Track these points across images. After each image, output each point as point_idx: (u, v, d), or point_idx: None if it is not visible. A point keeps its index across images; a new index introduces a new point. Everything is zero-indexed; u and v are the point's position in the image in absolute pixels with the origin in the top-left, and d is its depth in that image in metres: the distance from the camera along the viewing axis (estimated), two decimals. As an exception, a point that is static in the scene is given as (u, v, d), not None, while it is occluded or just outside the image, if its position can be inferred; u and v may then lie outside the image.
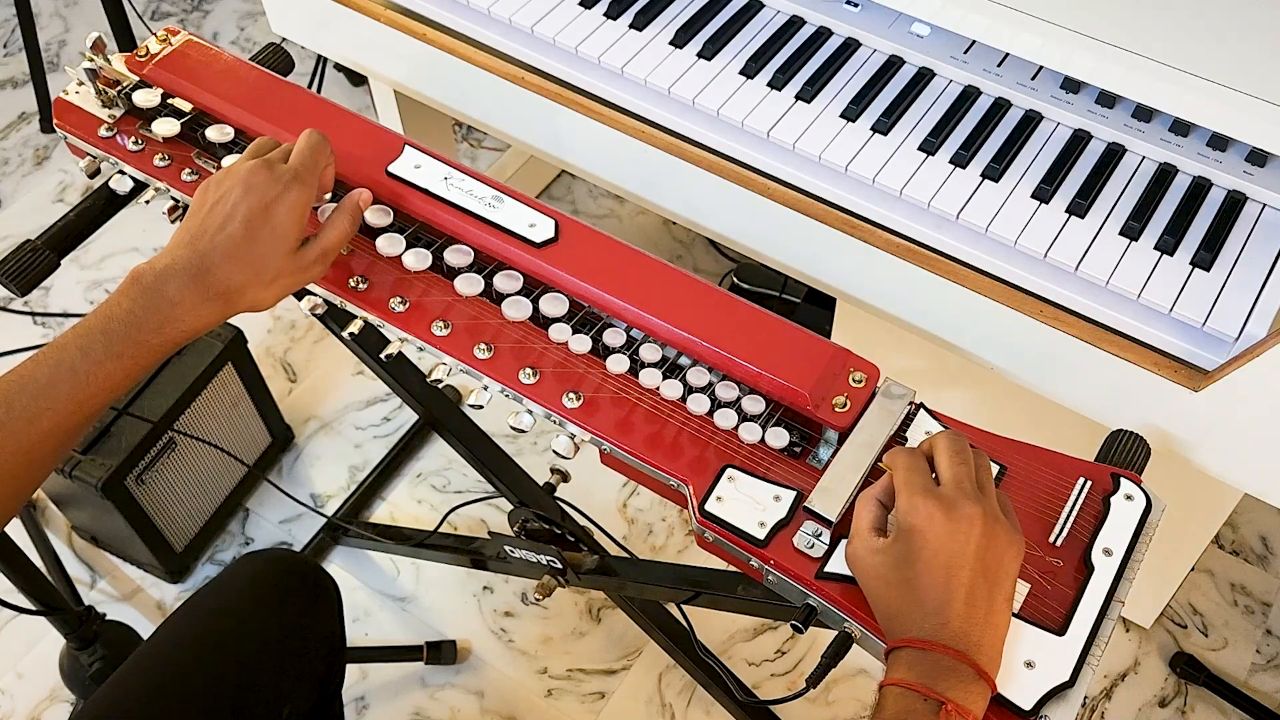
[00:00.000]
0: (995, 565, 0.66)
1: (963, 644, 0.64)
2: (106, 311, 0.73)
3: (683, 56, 1.03)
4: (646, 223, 1.94)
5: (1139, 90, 0.91)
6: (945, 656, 0.63)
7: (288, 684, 0.94)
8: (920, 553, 0.66)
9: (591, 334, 0.84)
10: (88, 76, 0.95)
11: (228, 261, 0.75)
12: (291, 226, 0.78)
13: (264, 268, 0.77)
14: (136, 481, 1.37)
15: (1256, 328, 0.83)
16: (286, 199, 0.77)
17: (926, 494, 0.68)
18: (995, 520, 0.67)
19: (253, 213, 0.76)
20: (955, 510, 0.66)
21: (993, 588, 0.66)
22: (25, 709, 1.42)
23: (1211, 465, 0.91)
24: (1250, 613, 1.48)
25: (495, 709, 1.42)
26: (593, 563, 1.05)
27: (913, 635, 0.65)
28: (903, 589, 0.66)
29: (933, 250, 0.93)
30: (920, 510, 0.67)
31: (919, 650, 0.64)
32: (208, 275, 0.75)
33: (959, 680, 0.63)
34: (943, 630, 0.64)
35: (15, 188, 2.01)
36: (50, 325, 1.80)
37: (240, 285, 0.76)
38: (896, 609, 0.67)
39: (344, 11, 1.18)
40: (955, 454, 0.70)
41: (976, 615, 0.65)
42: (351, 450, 1.66)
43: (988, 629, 0.65)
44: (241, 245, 0.76)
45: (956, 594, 0.65)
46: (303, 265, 0.79)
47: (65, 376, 0.71)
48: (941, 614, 0.64)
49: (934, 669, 0.63)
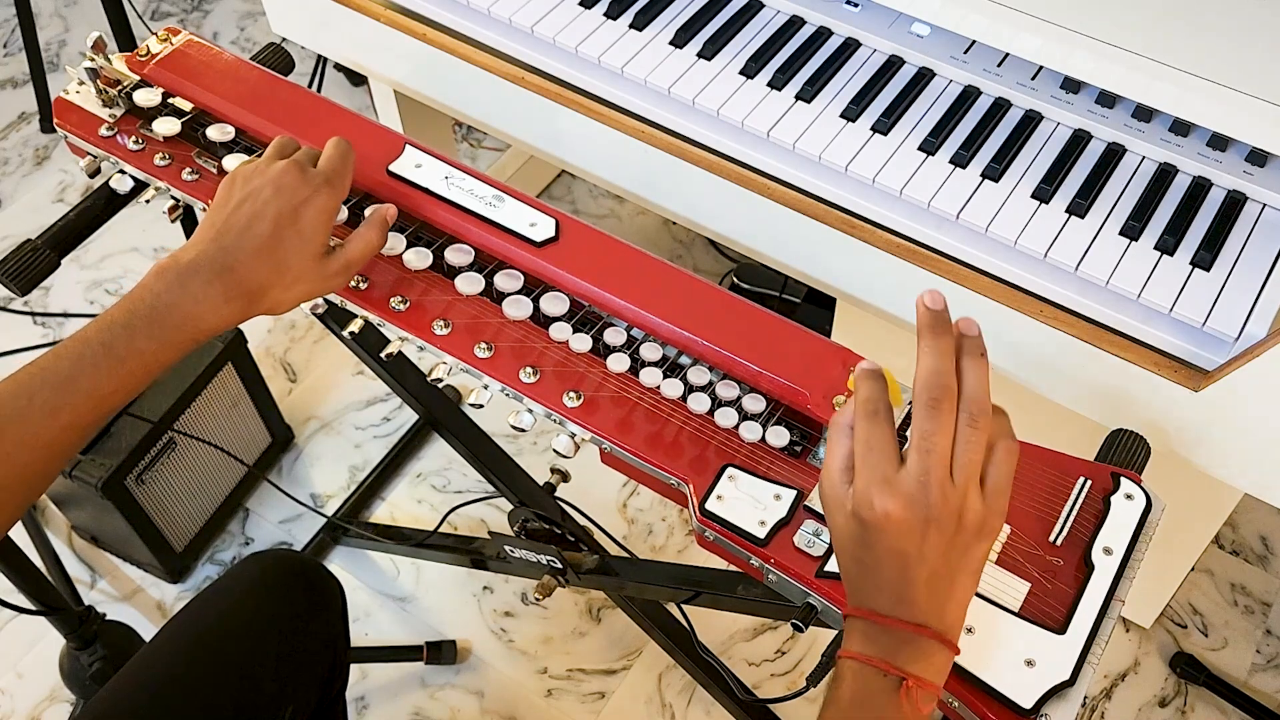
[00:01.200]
0: (958, 559, 0.61)
1: (923, 618, 0.61)
2: (129, 306, 0.73)
3: (683, 56, 1.03)
4: (646, 223, 1.94)
5: (1139, 90, 0.91)
6: (905, 630, 0.60)
7: (291, 685, 0.94)
8: (875, 544, 0.61)
9: (592, 333, 0.84)
10: (88, 76, 0.95)
11: (253, 261, 0.75)
12: (319, 231, 0.77)
13: (287, 270, 0.76)
14: (136, 481, 1.37)
15: (1256, 328, 0.83)
16: (316, 202, 0.77)
17: (883, 487, 0.60)
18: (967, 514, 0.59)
19: (282, 214, 0.76)
20: (912, 509, 0.59)
21: (954, 575, 0.61)
22: (25, 709, 1.42)
23: (1211, 465, 0.91)
24: (1250, 613, 1.48)
25: (495, 709, 1.42)
26: (593, 563, 1.05)
27: (871, 607, 0.62)
28: (860, 564, 0.62)
29: (933, 250, 0.93)
30: (875, 507, 0.60)
31: (876, 624, 0.61)
32: (232, 273, 0.74)
33: (919, 652, 0.60)
34: (899, 608, 0.61)
35: (15, 188, 2.01)
36: (50, 325, 1.80)
37: (263, 286, 0.76)
38: (855, 576, 0.63)
39: (344, 11, 1.18)
40: (927, 435, 0.59)
41: (937, 595, 0.61)
42: (351, 450, 1.66)
43: (949, 602, 0.61)
44: (268, 245, 0.75)
45: (915, 582, 0.60)
46: (326, 274, 0.79)
47: (87, 370, 0.71)
48: (899, 595, 0.61)
49: (892, 643, 0.61)
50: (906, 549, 0.60)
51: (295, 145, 0.84)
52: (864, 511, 0.60)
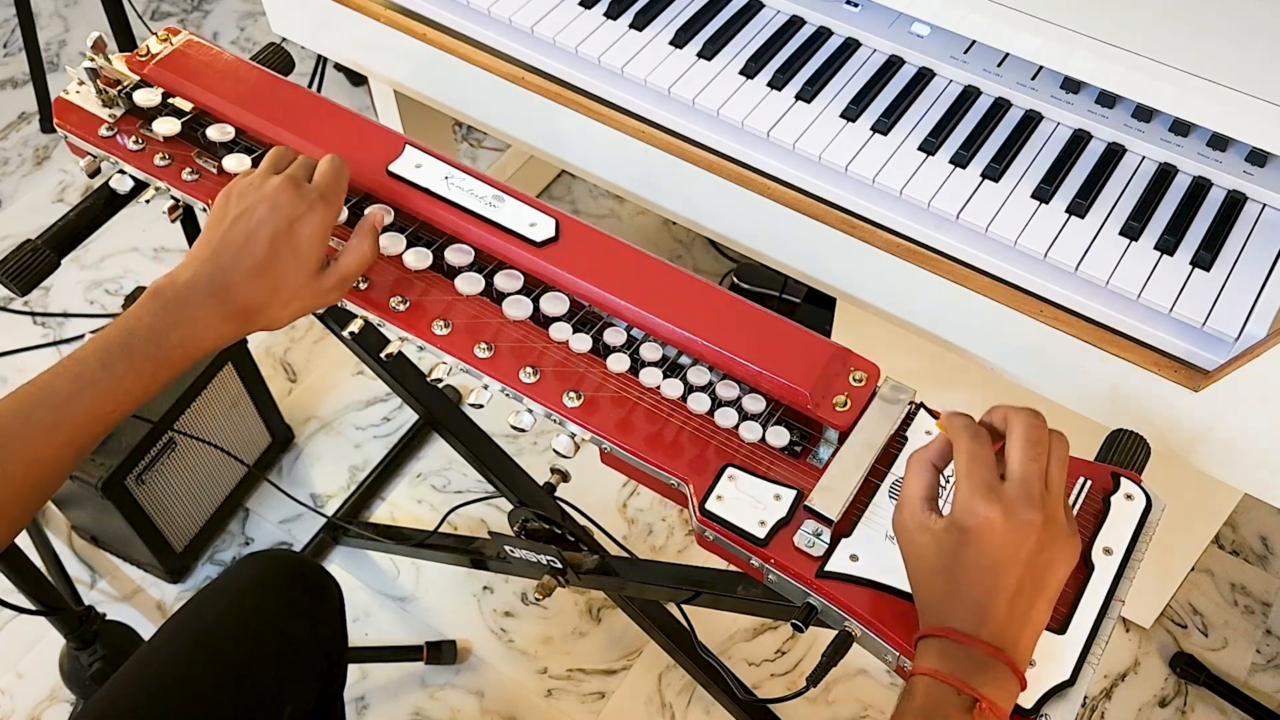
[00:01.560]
0: (1045, 572, 0.64)
1: (1000, 640, 0.62)
2: (127, 325, 0.73)
3: (683, 56, 1.03)
4: (646, 223, 1.94)
5: (1139, 90, 0.91)
6: (982, 652, 0.62)
7: (289, 685, 0.94)
8: (969, 551, 0.63)
9: (592, 333, 0.84)
10: (88, 76, 0.95)
11: (249, 279, 0.76)
12: (314, 248, 0.78)
13: (283, 287, 0.77)
14: (136, 481, 1.37)
15: (1256, 328, 0.83)
16: (312, 219, 0.77)
17: (988, 494, 0.63)
18: (1055, 527, 0.64)
19: (278, 231, 0.76)
20: (1015, 516, 0.63)
21: (1038, 592, 0.64)
22: (25, 709, 1.42)
23: (1211, 465, 0.91)
24: (1250, 613, 1.48)
25: (495, 709, 1.42)
26: (593, 563, 1.05)
27: (951, 626, 0.63)
28: (945, 577, 0.64)
29: (933, 250, 0.93)
30: (979, 513, 0.63)
31: (955, 642, 0.63)
32: (228, 292, 0.75)
33: (993, 677, 0.61)
34: (982, 626, 0.63)
35: (15, 188, 2.01)
36: (50, 325, 1.80)
37: (259, 304, 0.76)
38: (936, 595, 0.65)
39: (344, 11, 1.18)
40: (1030, 446, 0.65)
41: (1017, 614, 0.63)
42: (351, 450, 1.66)
43: (1025, 627, 0.63)
44: (264, 263, 0.76)
45: (1001, 595, 0.63)
46: (322, 289, 0.79)
47: (86, 389, 0.71)
48: (984, 610, 0.63)
49: (970, 662, 0.62)
50: (1002, 555, 0.63)
51: (291, 156, 0.84)
52: (967, 519, 0.64)
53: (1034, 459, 0.64)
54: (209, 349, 0.76)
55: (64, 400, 0.71)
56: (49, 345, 1.78)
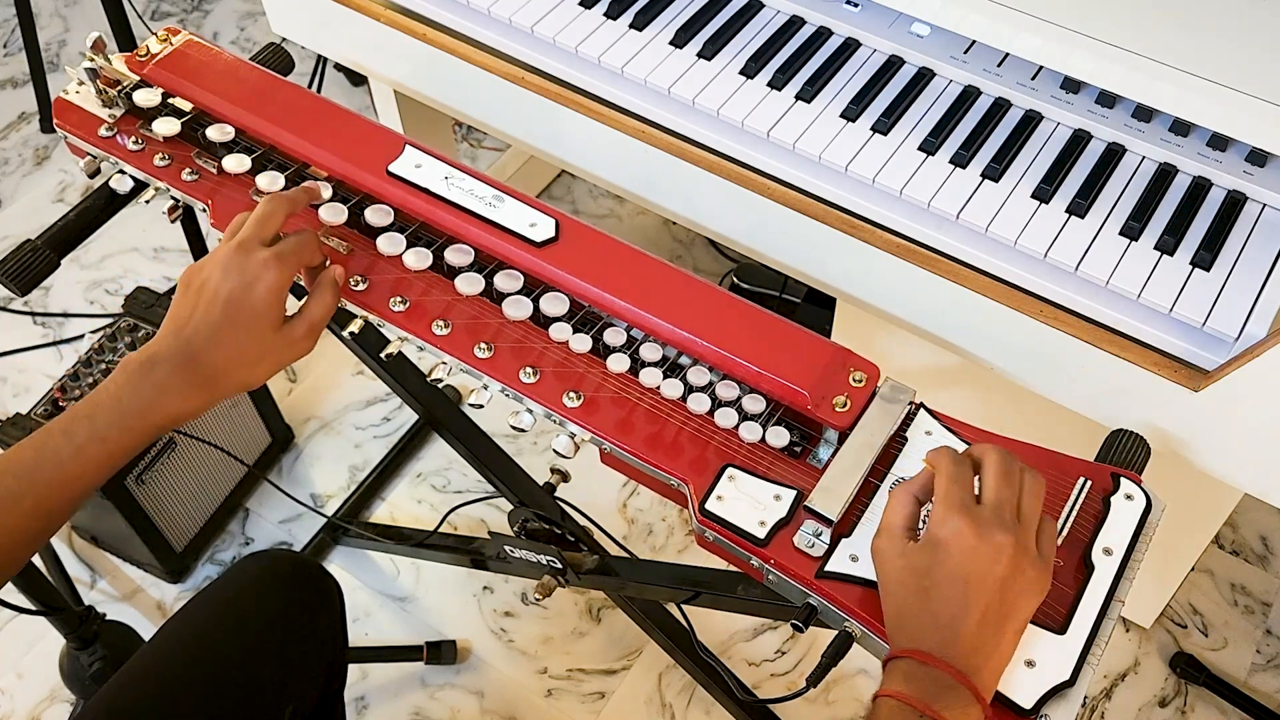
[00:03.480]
0: (1014, 598, 0.65)
1: (965, 664, 0.63)
2: (94, 397, 0.76)
3: (683, 56, 1.03)
4: (646, 223, 1.94)
5: (1139, 90, 0.91)
6: (947, 675, 0.63)
7: (290, 685, 0.94)
8: (943, 566, 0.65)
9: (592, 333, 0.84)
10: (88, 76, 0.95)
11: (211, 346, 0.77)
12: (270, 307, 0.78)
13: (247, 349, 0.78)
14: (136, 481, 1.37)
15: (1256, 328, 0.83)
16: (264, 280, 0.77)
17: (964, 511, 0.66)
18: (1025, 555, 0.66)
19: (232, 297, 0.77)
20: (988, 535, 0.65)
21: (1005, 618, 0.65)
22: (25, 709, 1.42)
23: (1211, 465, 0.91)
24: (1250, 613, 1.48)
25: (495, 709, 1.42)
26: (593, 563, 1.05)
27: (918, 647, 0.64)
28: (918, 596, 0.66)
29: (933, 250, 0.93)
30: (952, 526, 0.66)
31: (920, 664, 0.64)
32: (193, 361, 0.76)
33: (956, 702, 0.62)
34: (948, 648, 0.64)
35: (15, 188, 2.01)
36: (50, 325, 1.80)
37: (225, 368, 0.77)
38: (907, 615, 0.66)
39: (344, 11, 1.18)
40: (1003, 475, 0.68)
41: (984, 639, 0.64)
42: (351, 450, 1.66)
43: (992, 656, 0.65)
44: (224, 329, 0.77)
45: (970, 614, 0.64)
46: (290, 341, 0.80)
47: (49, 459, 0.73)
48: (951, 630, 0.64)
49: (934, 686, 0.63)
50: (973, 573, 0.65)
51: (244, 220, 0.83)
52: (941, 531, 0.66)
53: (1007, 486, 0.68)
54: (177, 417, 0.77)
55: (27, 470, 0.73)
56: (49, 345, 1.78)
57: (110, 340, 1.41)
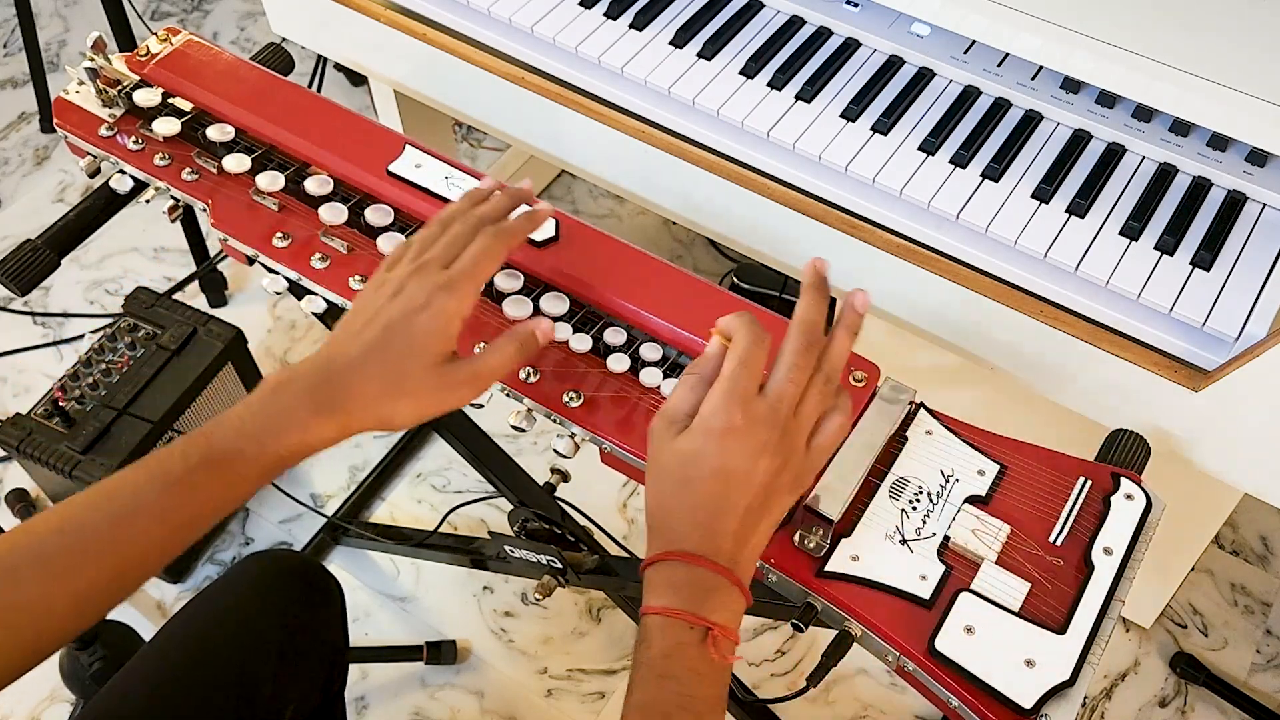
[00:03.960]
0: (773, 496, 0.64)
1: (727, 559, 0.62)
2: (222, 415, 0.67)
3: (683, 56, 1.03)
4: (646, 223, 1.94)
5: (1139, 90, 0.91)
6: (709, 572, 0.62)
7: (290, 685, 0.94)
8: (708, 459, 0.63)
9: (592, 333, 0.84)
10: (88, 76, 0.95)
11: (354, 370, 0.67)
12: (433, 337, 0.68)
13: (397, 380, 0.67)
14: (136, 481, 1.37)
15: (1256, 328, 0.83)
16: (432, 307, 0.68)
17: (741, 403, 0.63)
18: (793, 455, 0.64)
19: (393, 320, 0.68)
20: (754, 433, 0.62)
21: (764, 512, 0.64)
22: (25, 709, 1.42)
23: (1211, 465, 0.91)
24: (1250, 613, 1.48)
25: (495, 709, 1.42)
26: (593, 563, 1.05)
27: (680, 547, 0.63)
28: (680, 488, 0.64)
29: (933, 250, 0.93)
30: (724, 418, 0.62)
31: (681, 565, 0.62)
32: (330, 383, 0.67)
33: (722, 600, 0.61)
34: (709, 544, 0.62)
35: (15, 188, 2.01)
36: (50, 325, 1.80)
37: (365, 399, 0.67)
38: (669, 509, 0.64)
39: (344, 11, 1.18)
40: (792, 369, 0.64)
41: (743, 533, 0.63)
42: (351, 450, 1.66)
43: (748, 548, 0.64)
44: (373, 353, 0.68)
45: (732, 511, 0.62)
46: (448, 384, 0.69)
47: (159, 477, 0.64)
48: (711, 527, 0.62)
49: (697, 589, 0.61)
50: (736, 468, 0.62)
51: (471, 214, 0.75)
52: (712, 420, 0.63)
53: (792, 380, 0.64)
54: (300, 446, 0.67)
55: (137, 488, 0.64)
56: (49, 345, 1.78)
57: (110, 340, 1.41)
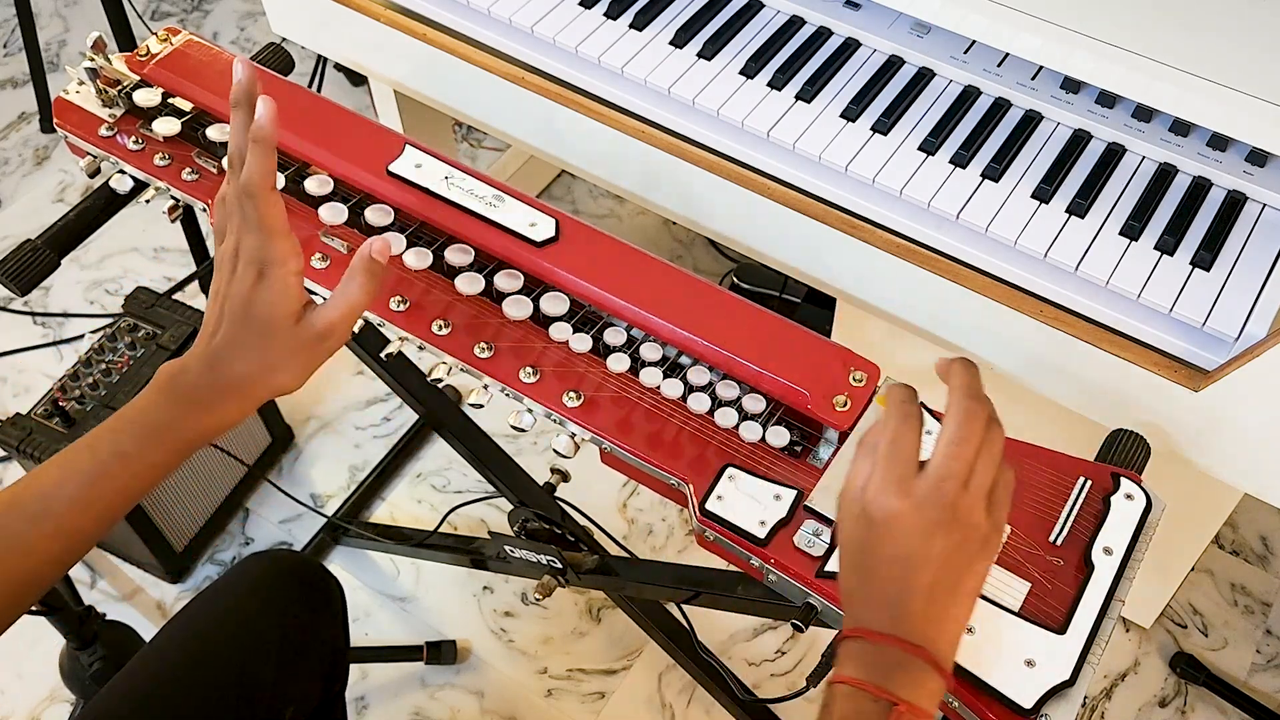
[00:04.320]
0: (962, 571, 0.62)
1: (918, 637, 0.60)
2: (124, 411, 0.71)
3: (683, 56, 1.03)
4: (646, 223, 1.94)
5: (1139, 90, 0.91)
6: (899, 651, 0.60)
7: (291, 685, 0.94)
8: (880, 548, 0.62)
9: (592, 333, 0.84)
10: (88, 76, 0.95)
11: (229, 354, 0.71)
12: (278, 305, 0.70)
13: (266, 352, 0.71)
14: (136, 481, 1.37)
15: (1256, 328, 0.83)
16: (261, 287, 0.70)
17: (899, 488, 0.61)
18: (971, 531, 0.61)
19: (237, 303, 0.71)
20: (924, 514, 0.61)
21: (956, 587, 0.62)
22: (25, 709, 1.42)
23: (1211, 465, 0.91)
24: (1250, 613, 1.48)
25: (495, 709, 1.42)
26: (593, 563, 1.05)
27: (866, 625, 0.62)
28: (860, 574, 0.63)
29: (933, 250, 0.93)
30: (887, 507, 0.61)
31: (870, 644, 0.61)
32: (212, 371, 0.71)
33: (912, 676, 0.59)
34: (898, 625, 0.61)
35: (15, 188, 2.01)
36: (50, 325, 1.80)
37: (248, 375, 0.71)
38: (854, 589, 0.63)
39: (344, 11, 1.18)
40: (956, 444, 0.62)
41: (935, 611, 0.61)
42: (351, 450, 1.66)
43: (945, 622, 0.61)
44: (237, 336, 0.71)
45: (915, 594, 0.61)
46: (314, 336, 0.72)
47: (72, 477, 0.69)
48: (896, 609, 0.61)
49: (886, 665, 0.60)
50: (911, 552, 0.61)
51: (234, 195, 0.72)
52: (874, 509, 0.62)
53: (956, 457, 0.62)
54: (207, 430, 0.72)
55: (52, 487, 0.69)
56: (49, 345, 1.78)
57: (110, 340, 1.41)
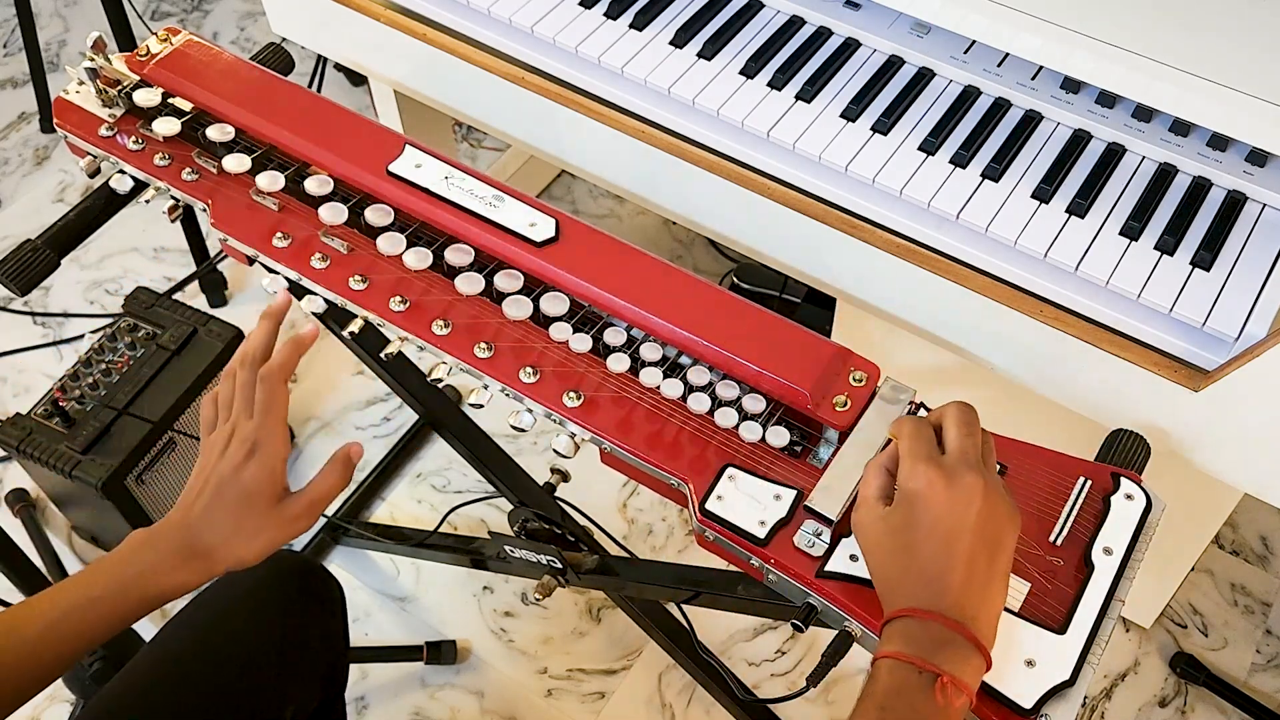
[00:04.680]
0: (995, 536, 0.66)
1: (959, 614, 0.63)
2: (98, 561, 0.77)
3: (683, 56, 1.03)
4: (646, 223, 1.94)
5: (1139, 90, 0.91)
6: (942, 627, 0.62)
7: (291, 685, 0.94)
8: (921, 519, 0.66)
9: (592, 333, 0.84)
10: (88, 76, 0.95)
11: (203, 525, 0.78)
12: (263, 485, 0.78)
13: (240, 527, 0.78)
14: (136, 481, 1.37)
15: (1256, 328, 0.83)
16: (253, 460, 0.78)
17: (930, 461, 0.67)
18: (996, 492, 0.67)
19: (223, 478, 0.78)
20: (957, 478, 0.66)
21: (992, 559, 0.65)
22: (25, 709, 1.42)
23: (1211, 465, 0.91)
24: (1250, 613, 1.48)
25: (495, 709, 1.42)
26: (593, 563, 1.05)
27: (910, 605, 0.64)
28: (902, 556, 0.66)
29: (933, 250, 0.93)
30: (922, 476, 0.67)
31: (916, 620, 0.63)
32: (185, 539, 0.78)
33: (955, 652, 0.62)
34: (940, 600, 0.63)
35: (15, 188, 2.01)
36: (50, 325, 1.80)
37: (218, 544, 0.78)
38: (895, 577, 0.66)
39: (344, 11, 1.18)
40: (963, 424, 0.70)
41: (975, 586, 0.64)
42: (351, 450, 1.66)
43: (985, 600, 0.64)
44: (216, 509, 0.78)
45: (956, 562, 0.64)
46: (287, 518, 0.79)
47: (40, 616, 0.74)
48: (940, 582, 0.64)
49: (930, 641, 0.62)
50: (951, 520, 0.65)
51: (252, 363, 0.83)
52: (911, 483, 0.67)
53: (968, 435, 0.69)
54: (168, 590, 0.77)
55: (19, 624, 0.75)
56: (49, 345, 1.78)
57: (110, 340, 1.41)
